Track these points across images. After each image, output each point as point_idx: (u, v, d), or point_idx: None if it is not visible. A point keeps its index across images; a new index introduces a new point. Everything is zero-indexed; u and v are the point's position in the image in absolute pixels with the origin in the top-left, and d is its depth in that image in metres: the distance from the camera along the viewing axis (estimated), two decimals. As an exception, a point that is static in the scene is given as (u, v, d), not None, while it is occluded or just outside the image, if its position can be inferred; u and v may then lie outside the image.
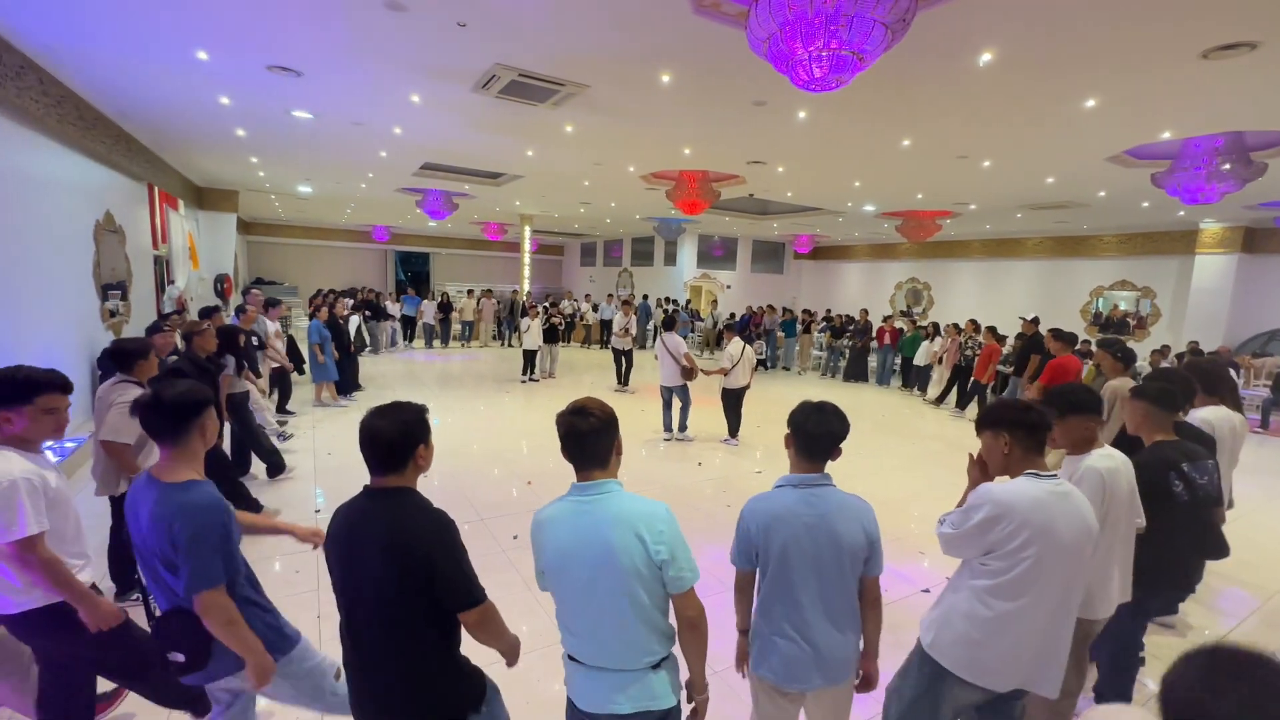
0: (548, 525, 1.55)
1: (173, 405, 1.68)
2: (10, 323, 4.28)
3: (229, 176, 10.52)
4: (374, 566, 1.46)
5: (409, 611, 1.47)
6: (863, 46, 2.89)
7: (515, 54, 4.39)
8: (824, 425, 1.76)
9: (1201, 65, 4.01)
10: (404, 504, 1.52)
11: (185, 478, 1.68)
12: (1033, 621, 1.70)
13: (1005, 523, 1.68)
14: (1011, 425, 1.81)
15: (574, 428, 1.57)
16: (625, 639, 1.51)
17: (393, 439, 1.51)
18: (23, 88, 4.40)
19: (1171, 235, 11.69)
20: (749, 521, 1.77)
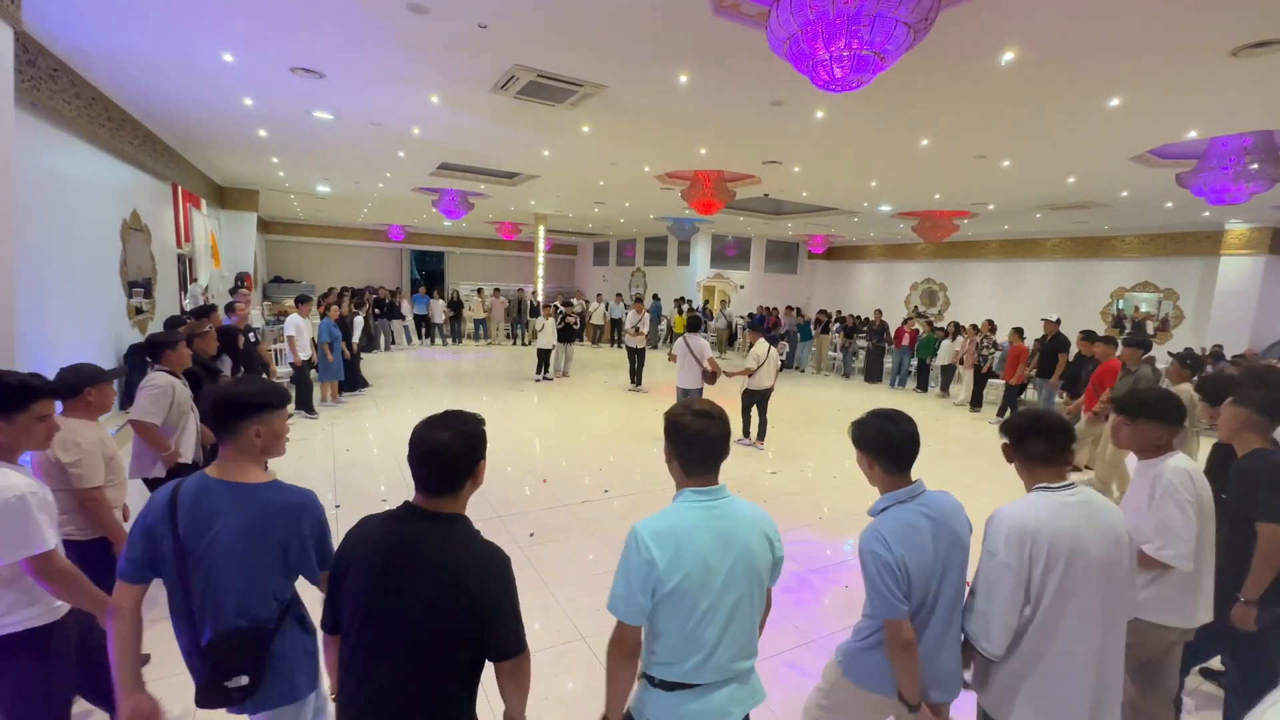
0: (682, 535, 1.39)
1: (221, 404, 1.58)
2: (43, 318, 4.39)
3: (250, 176, 10.68)
4: (421, 602, 1.29)
5: (446, 655, 1.31)
6: (884, 46, 2.88)
7: (534, 55, 4.42)
8: (904, 433, 1.67)
9: (1231, 63, 3.93)
10: (463, 535, 1.37)
11: (260, 479, 1.58)
12: (1072, 656, 1.54)
13: (1027, 541, 1.55)
14: (1005, 433, 1.77)
15: (705, 432, 1.46)
16: (747, 643, 1.47)
17: (456, 455, 1.35)
18: (56, 90, 4.50)
19: (1196, 236, 11.46)
20: (882, 551, 1.56)
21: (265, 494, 1.56)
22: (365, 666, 1.34)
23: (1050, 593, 1.53)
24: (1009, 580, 1.54)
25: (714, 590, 1.39)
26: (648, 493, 5.26)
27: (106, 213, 5.80)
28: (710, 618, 1.40)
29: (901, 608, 1.55)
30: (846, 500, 5.26)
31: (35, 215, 4.30)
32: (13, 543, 1.67)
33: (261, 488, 1.56)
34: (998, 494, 5.71)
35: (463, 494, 1.41)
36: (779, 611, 3.47)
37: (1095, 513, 1.59)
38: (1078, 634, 1.54)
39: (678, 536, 1.39)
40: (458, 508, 1.41)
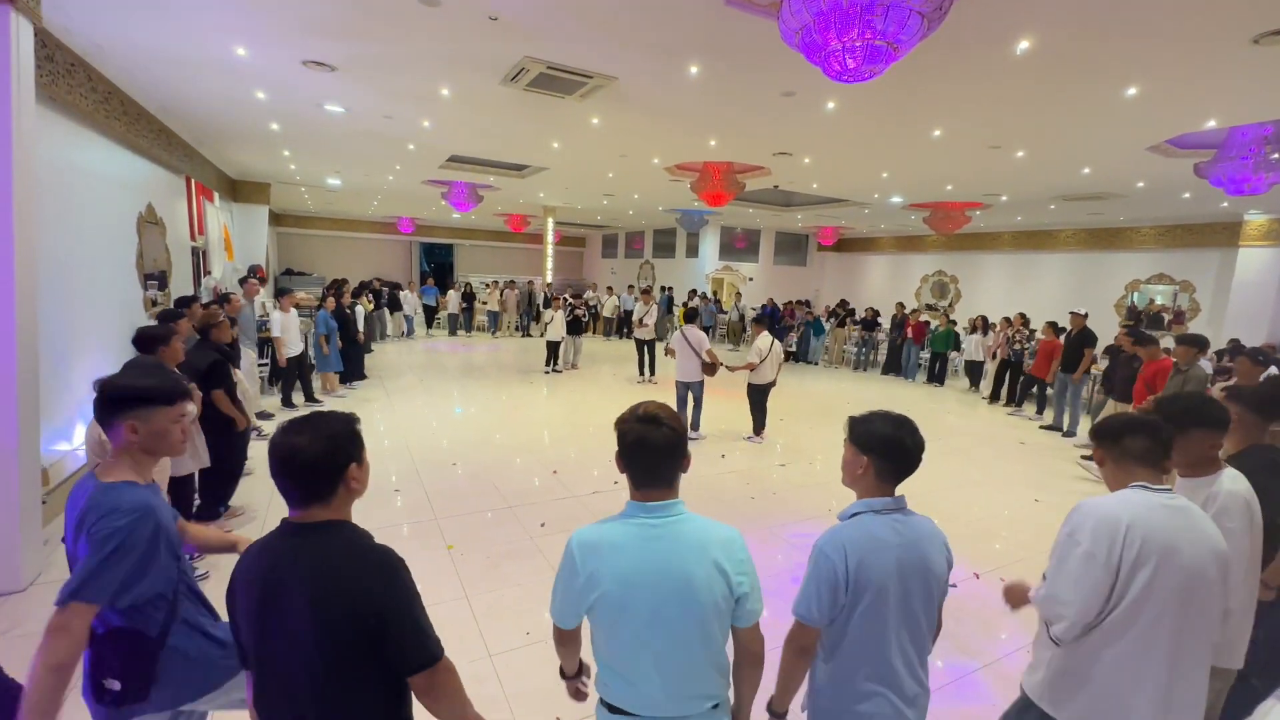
0: (605, 550, 1.30)
1: (98, 395, 1.51)
2: (63, 311, 4.47)
3: (262, 169, 10.76)
4: (300, 624, 1.14)
5: (347, 679, 1.16)
6: (898, 36, 2.86)
7: (545, 47, 4.42)
8: (916, 444, 1.50)
9: (1253, 51, 3.86)
10: (338, 542, 1.21)
11: (120, 478, 1.48)
12: (1145, 662, 1.45)
13: (1120, 533, 1.45)
14: (1099, 437, 1.66)
15: (644, 440, 1.31)
16: (691, 682, 1.32)
17: (315, 459, 1.19)
18: (73, 85, 4.56)
19: (1213, 227, 11.28)
20: (833, 555, 1.43)
21: (94, 495, 1.44)
22: (270, 708, 1.24)
23: (1135, 590, 1.45)
24: (1093, 571, 1.48)
25: (639, 618, 1.27)
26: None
27: (123, 206, 5.88)
28: (638, 648, 1.29)
29: (817, 615, 1.45)
30: (855, 495, 5.25)
31: (54, 209, 4.38)
32: None
33: (99, 488, 1.45)
34: (1027, 491, 5.69)
35: (335, 500, 1.24)
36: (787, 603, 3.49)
37: (1194, 520, 1.50)
38: (1151, 639, 1.45)
39: (601, 553, 1.30)
40: (335, 514, 1.25)
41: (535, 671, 2.76)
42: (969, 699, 2.77)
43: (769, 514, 4.77)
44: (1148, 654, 1.46)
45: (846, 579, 1.42)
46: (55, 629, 1.30)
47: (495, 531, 4.23)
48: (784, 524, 4.59)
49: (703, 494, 5.10)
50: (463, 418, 7.49)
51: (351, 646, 1.15)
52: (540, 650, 2.94)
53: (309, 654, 1.15)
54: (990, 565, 4.05)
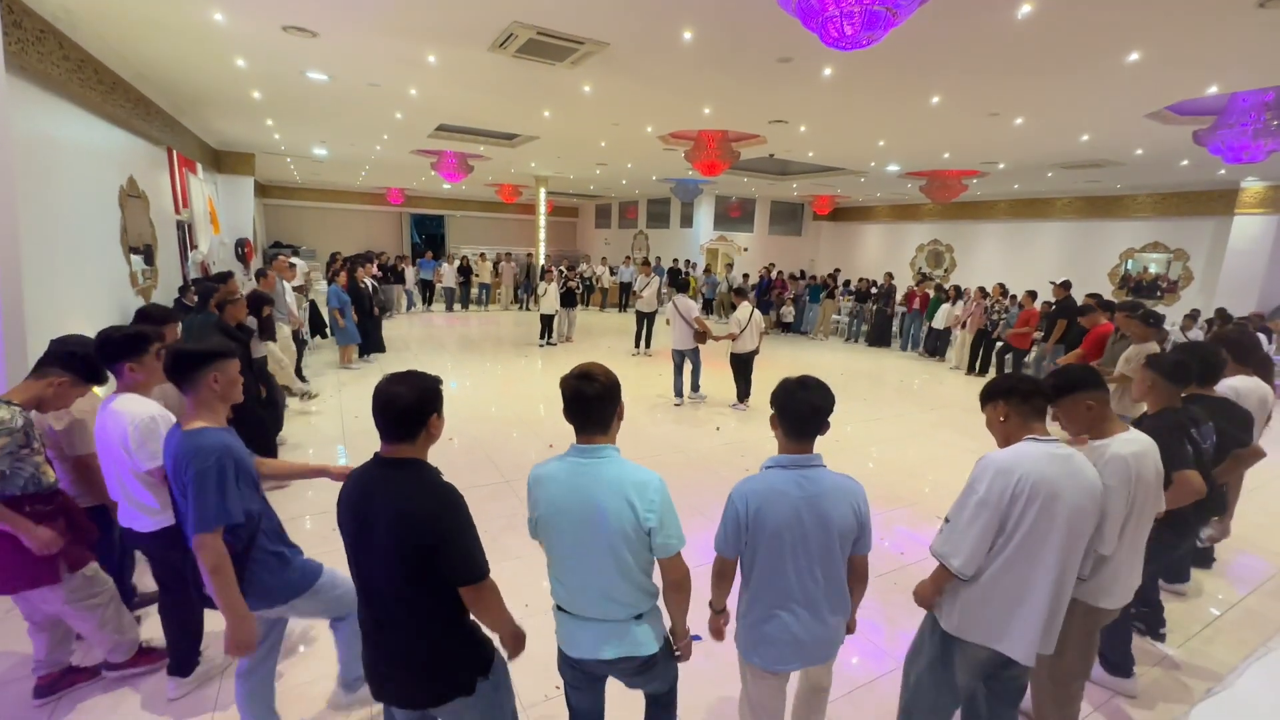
0: (545, 480, 1.61)
1: (182, 356, 1.80)
2: (47, 288, 4.39)
3: (245, 139, 10.48)
4: (383, 536, 1.46)
5: (417, 580, 1.48)
6: (897, 2, 2.78)
7: (533, 11, 4.27)
8: (808, 402, 1.70)
9: (1258, 15, 3.78)
10: (414, 476, 1.51)
11: (201, 424, 1.80)
12: (1033, 584, 1.72)
13: (1011, 480, 1.70)
14: (1004, 394, 1.88)
15: (579, 392, 1.60)
16: (610, 594, 1.59)
17: (408, 406, 1.50)
18: (44, 53, 4.38)
19: (1210, 195, 11.23)
20: (738, 503, 1.71)
21: (187, 438, 1.76)
22: (367, 609, 1.56)
23: (1024, 529, 1.70)
24: (984, 515, 1.73)
25: (564, 536, 1.59)
26: (652, 457, 5.34)
27: (103, 179, 5.73)
28: (564, 561, 1.62)
29: (727, 549, 1.75)
30: (847, 464, 5.33)
31: (31, 184, 4.26)
32: (151, 452, 2.07)
33: (191, 434, 1.77)
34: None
35: (419, 442, 1.54)
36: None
37: (1075, 466, 1.75)
38: (1042, 566, 1.72)
39: (540, 481, 1.63)
40: (415, 453, 1.54)
41: (534, 642, 2.79)
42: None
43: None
44: (1035, 576, 1.73)
45: (746, 522, 1.69)
46: (198, 550, 1.71)
47: (492, 506, 4.28)
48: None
49: (698, 466, 5.15)
50: (459, 392, 7.49)
51: (420, 559, 1.45)
52: (539, 622, 2.99)
53: (391, 563, 1.46)
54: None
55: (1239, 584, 3.70)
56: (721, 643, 1.91)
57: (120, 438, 2.08)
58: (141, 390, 2.23)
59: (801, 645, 1.72)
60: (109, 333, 2.22)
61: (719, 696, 2.56)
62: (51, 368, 2.25)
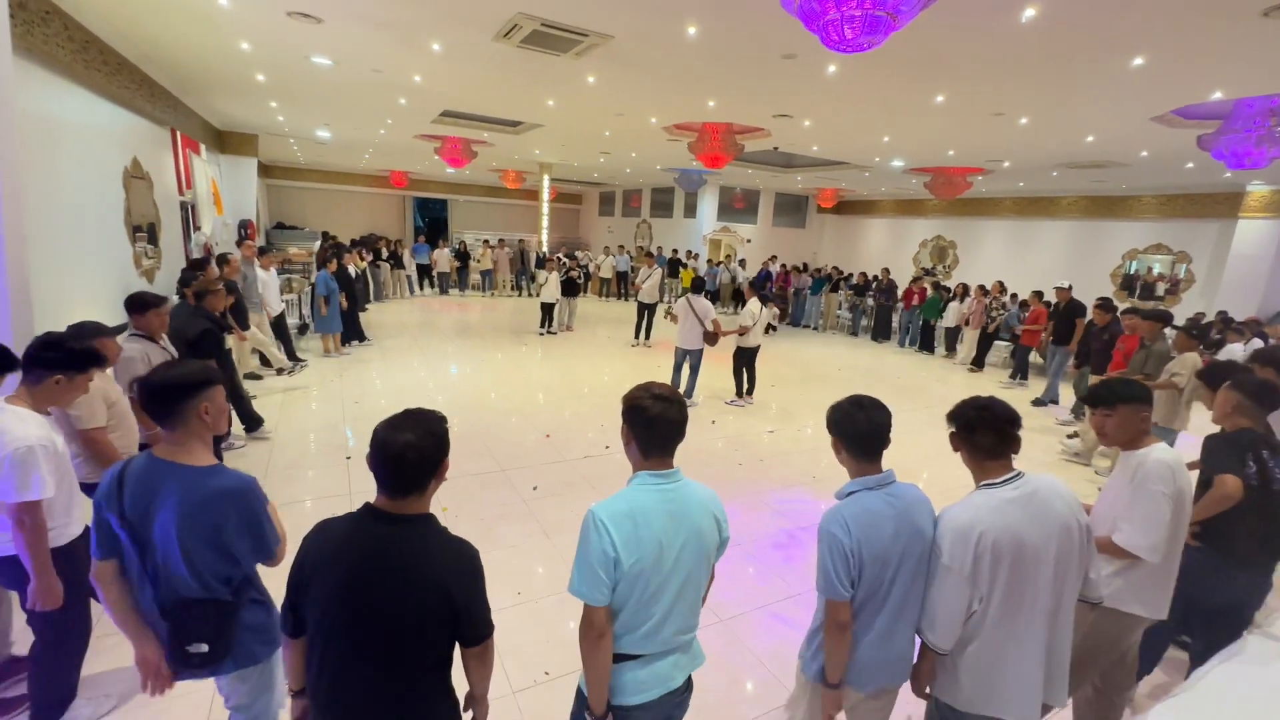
0: (640, 518, 1.43)
1: (169, 388, 1.56)
2: (52, 269, 4.44)
3: (249, 120, 10.45)
4: (396, 602, 1.30)
5: (424, 651, 1.35)
6: (898, 7, 2.79)
7: (538, 3, 4.26)
8: (872, 421, 1.67)
9: (1262, 24, 3.77)
10: (432, 535, 1.38)
11: (203, 461, 1.59)
12: (1023, 643, 1.60)
13: (971, 541, 1.56)
14: (951, 420, 1.76)
15: (665, 416, 1.48)
16: (691, 617, 1.55)
17: (424, 456, 1.33)
18: (49, 34, 4.39)
19: (1215, 197, 11.18)
20: (840, 534, 1.58)
21: (203, 478, 1.55)
22: (341, 676, 1.35)
23: (1000, 590, 1.56)
24: (950, 581, 1.58)
25: (665, 570, 1.45)
26: (647, 449, 5.40)
27: (108, 160, 5.75)
28: (659, 595, 1.46)
29: (844, 591, 1.59)
30: (838, 466, 5.39)
31: (37, 165, 4.29)
32: (12, 485, 1.86)
33: (202, 471, 1.56)
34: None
35: (428, 493, 1.39)
36: (768, 566, 3.65)
37: (1040, 505, 1.59)
38: (1028, 625, 1.59)
39: (635, 519, 1.43)
40: (423, 508, 1.39)
41: (526, 630, 2.92)
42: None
43: (755, 480, 4.91)
44: (1022, 633, 1.59)
45: (853, 550, 1.58)
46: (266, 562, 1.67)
47: (488, 494, 4.36)
48: (769, 490, 4.74)
49: (692, 459, 5.21)
50: (457, 379, 7.55)
51: (438, 624, 1.33)
52: (531, 609, 3.10)
53: (398, 633, 1.31)
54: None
55: None
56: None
57: None
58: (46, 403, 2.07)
59: (902, 663, 1.70)
60: (55, 339, 2.11)
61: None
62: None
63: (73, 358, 2.06)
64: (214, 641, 1.60)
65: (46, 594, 1.99)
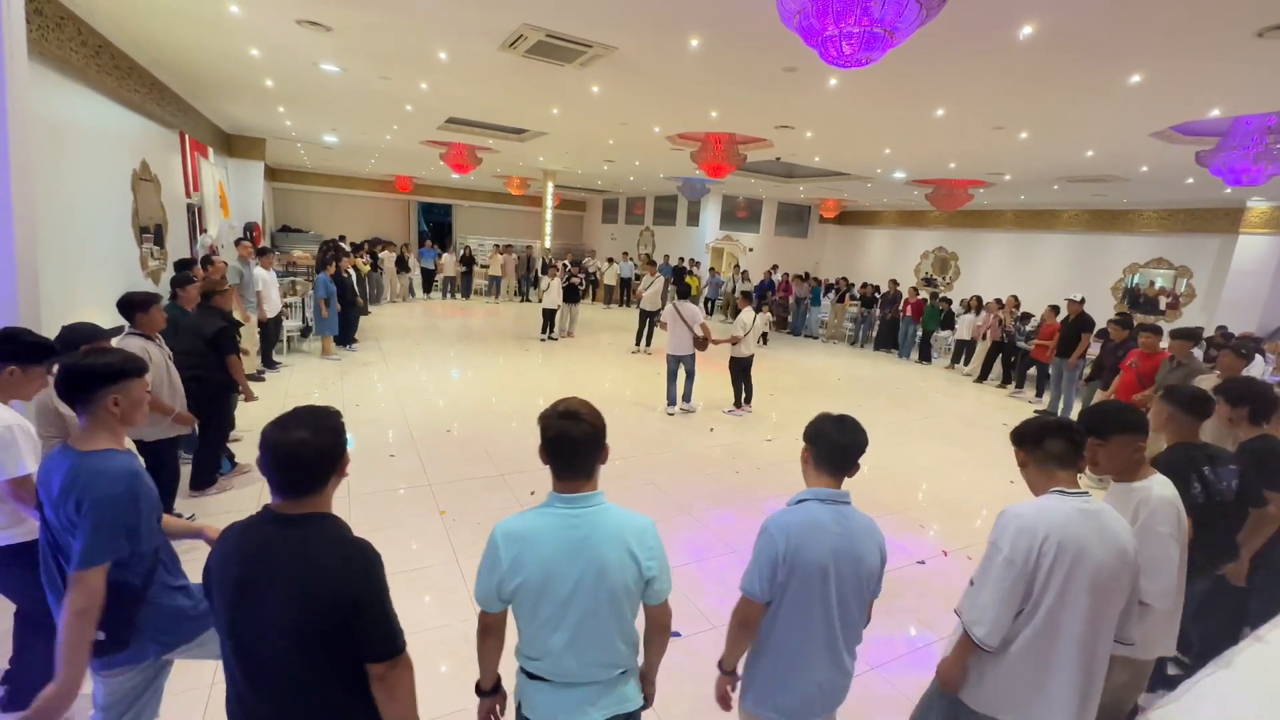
0: (531, 539, 1.39)
1: (77, 373, 1.58)
2: (60, 270, 4.50)
3: (257, 124, 10.57)
4: (282, 612, 1.20)
5: (320, 663, 1.23)
6: (895, 24, 2.85)
7: (543, 14, 4.34)
8: (850, 436, 1.66)
9: (1256, 44, 3.82)
10: (323, 536, 1.27)
11: (103, 446, 1.59)
12: (1062, 655, 1.57)
13: (1037, 540, 1.55)
14: (1017, 440, 1.76)
15: (566, 434, 1.39)
16: (603, 654, 1.44)
17: (321, 454, 1.25)
18: (63, 39, 4.48)
19: (1215, 213, 11.22)
20: (778, 538, 1.57)
21: (87, 461, 1.54)
22: (242, 690, 1.29)
23: (1052, 594, 1.56)
24: (1010, 576, 1.57)
25: (558, 599, 1.37)
26: (647, 455, 5.44)
27: (117, 163, 5.83)
28: (554, 625, 1.39)
29: (759, 591, 1.59)
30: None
31: (48, 167, 4.36)
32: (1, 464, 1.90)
33: (93, 456, 1.56)
34: (1006, 472, 5.86)
35: (327, 491, 1.31)
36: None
37: (1104, 524, 1.60)
38: (1071, 635, 1.57)
39: (525, 541, 1.39)
40: (321, 506, 1.30)
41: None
42: (927, 669, 2.96)
43: (753, 488, 4.93)
44: (1062, 645, 1.58)
45: (784, 557, 1.56)
46: (75, 585, 1.48)
47: (487, 498, 4.39)
48: (767, 498, 4.75)
49: (690, 467, 5.25)
50: (458, 383, 7.60)
51: (327, 633, 1.21)
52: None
53: (288, 638, 1.21)
54: (958, 544, 4.24)
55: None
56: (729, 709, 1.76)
57: None
58: (18, 395, 2.10)
59: (823, 694, 1.64)
60: (13, 332, 2.15)
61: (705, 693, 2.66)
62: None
63: (27, 350, 2.09)
64: (110, 629, 1.56)
65: None
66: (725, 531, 4.13)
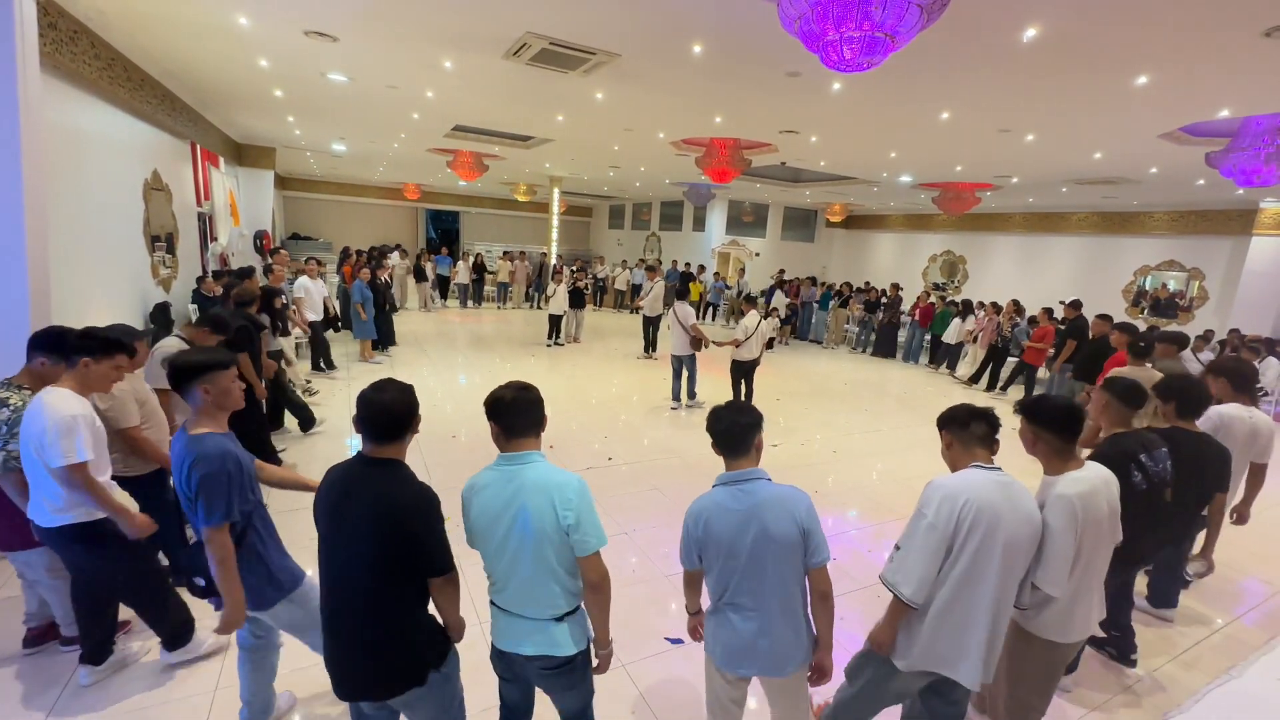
0: (478, 489, 1.72)
1: (174, 369, 1.89)
2: (73, 278, 4.58)
3: (267, 134, 10.71)
4: (364, 530, 1.58)
5: (389, 572, 1.61)
6: (896, 28, 2.85)
7: (547, 22, 4.38)
8: (726, 420, 1.89)
9: (1264, 44, 3.79)
10: (396, 476, 1.65)
11: (203, 430, 1.90)
12: (976, 609, 1.76)
13: (958, 504, 1.74)
14: (945, 423, 1.97)
15: (500, 400, 1.73)
16: (534, 592, 1.70)
17: (400, 411, 1.65)
18: (76, 52, 4.57)
19: (1228, 214, 11.09)
20: (688, 520, 1.84)
21: (192, 443, 1.86)
22: (328, 587, 1.68)
23: (969, 554, 1.74)
24: (933, 539, 1.76)
25: (495, 539, 1.69)
26: (653, 460, 5.42)
27: (129, 173, 5.93)
28: (495, 561, 1.72)
29: (687, 563, 1.88)
30: (846, 474, 5.38)
31: (61, 177, 4.44)
32: (61, 449, 2.10)
33: (195, 439, 1.87)
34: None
35: (404, 442, 1.69)
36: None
37: (1015, 494, 1.80)
38: (982, 592, 1.76)
39: (475, 490, 1.73)
40: (397, 453, 1.68)
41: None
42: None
43: (757, 493, 4.90)
44: (977, 601, 1.77)
45: (697, 535, 1.80)
46: (207, 541, 1.83)
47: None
48: (771, 503, 4.72)
49: (695, 471, 5.22)
50: (465, 388, 7.62)
51: (397, 551, 1.59)
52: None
53: (366, 552, 1.58)
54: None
55: (1228, 608, 3.72)
56: (699, 642, 2.00)
57: (39, 431, 2.12)
58: (85, 388, 2.28)
59: (754, 651, 1.80)
60: (91, 330, 2.38)
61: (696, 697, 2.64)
62: (36, 352, 2.45)
63: (98, 344, 2.30)
64: (209, 578, 1.90)
65: (134, 527, 2.32)
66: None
